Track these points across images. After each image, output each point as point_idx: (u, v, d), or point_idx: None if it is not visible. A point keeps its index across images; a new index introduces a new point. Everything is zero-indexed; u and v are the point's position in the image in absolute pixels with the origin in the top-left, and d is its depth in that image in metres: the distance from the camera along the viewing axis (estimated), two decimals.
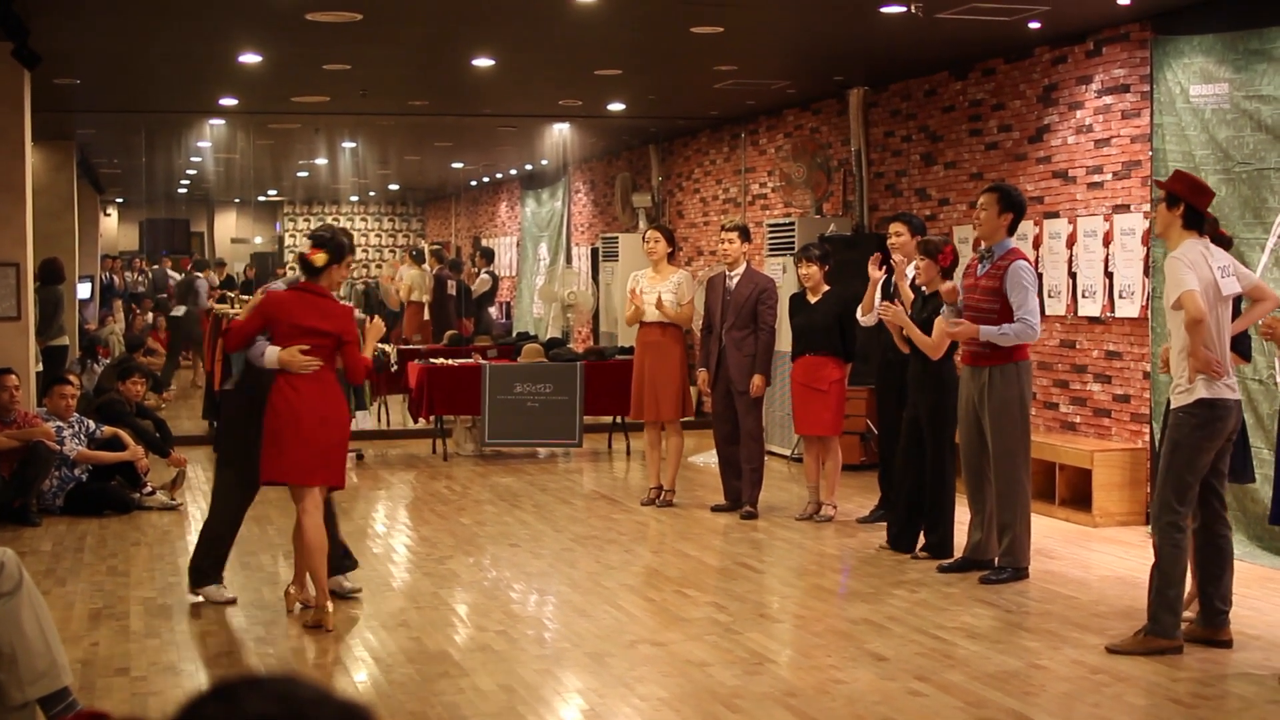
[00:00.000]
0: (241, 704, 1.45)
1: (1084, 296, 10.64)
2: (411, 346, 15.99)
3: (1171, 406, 6.71)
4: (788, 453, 13.20)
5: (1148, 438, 9.95)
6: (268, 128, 17.91)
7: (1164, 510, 6.60)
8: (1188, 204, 6.59)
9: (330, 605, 7.25)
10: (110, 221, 31.15)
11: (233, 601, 7.70)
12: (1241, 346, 7.12)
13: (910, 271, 9.27)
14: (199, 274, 22.10)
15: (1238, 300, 6.80)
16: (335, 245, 7.29)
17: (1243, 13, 9.02)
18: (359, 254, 33.74)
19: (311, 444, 7.14)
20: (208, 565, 7.81)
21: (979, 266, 8.28)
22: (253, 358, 7.36)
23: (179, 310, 20.66)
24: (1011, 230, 8.28)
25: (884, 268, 9.60)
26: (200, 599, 7.76)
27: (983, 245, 8.33)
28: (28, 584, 5.10)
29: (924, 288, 8.90)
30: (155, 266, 27.18)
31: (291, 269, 20.01)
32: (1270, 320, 6.60)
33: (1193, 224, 6.62)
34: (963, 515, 8.71)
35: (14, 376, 10.32)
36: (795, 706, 5.82)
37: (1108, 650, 6.66)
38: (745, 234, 10.44)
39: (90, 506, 10.50)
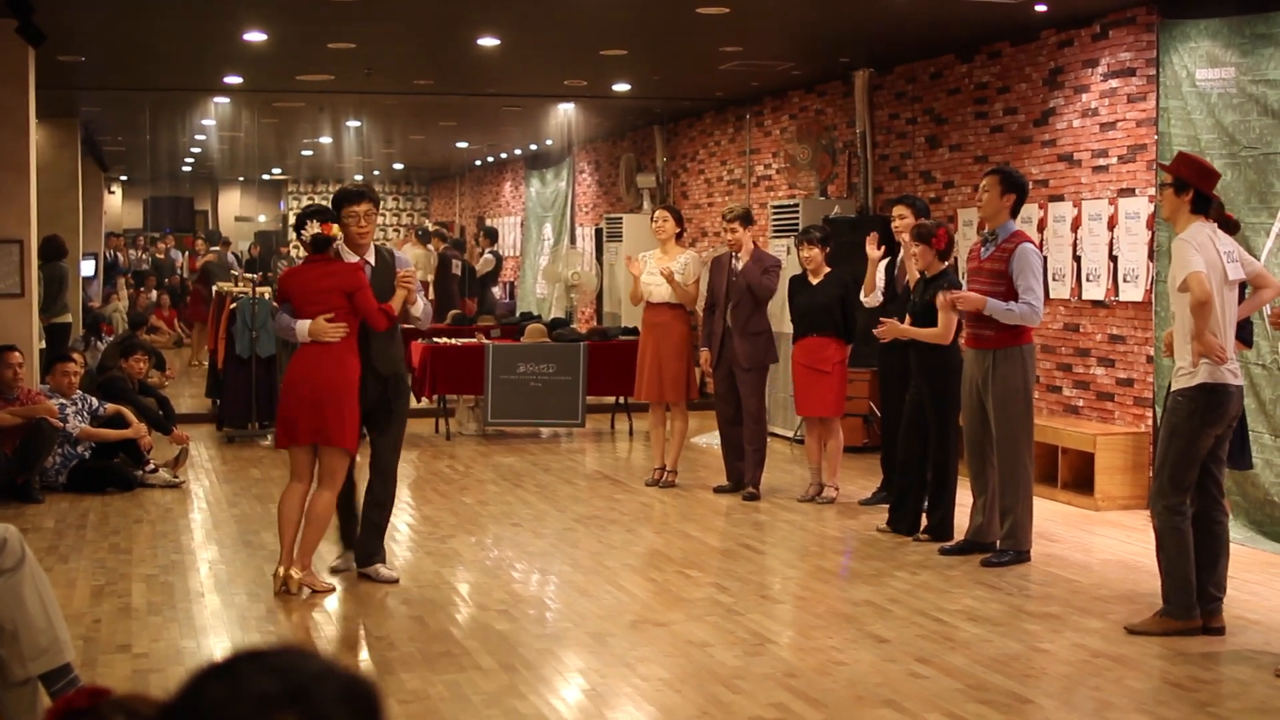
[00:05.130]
0: (244, 680, 1.43)
1: (1088, 280, 10.63)
2: (415, 325, 15.95)
3: (1172, 389, 6.68)
4: (790, 434, 13.21)
5: (1150, 422, 9.94)
6: (272, 106, 17.91)
7: (1161, 495, 6.60)
8: (1196, 189, 6.58)
9: (294, 573, 7.39)
10: (114, 199, 31.18)
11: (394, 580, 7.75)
12: (1244, 332, 7.10)
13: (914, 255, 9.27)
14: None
15: (1243, 286, 6.79)
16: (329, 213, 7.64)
17: None
18: None
19: (297, 404, 7.37)
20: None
21: (983, 250, 8.28)
22: (282, 333, 7.70)
23: None
24: (1014, 212, 8.28)
25: (882, 248, 9.62)
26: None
27: (986, 228, 8.32)
28: (30, 561, 5.10)
29: (924, 271, 8.89)
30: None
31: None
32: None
33: (1200, 208, 6.61)
34: (964, 498, 8.71)
35: (17, 354, 10.32)
36: (796, 687, 5.83)
37: (1127, 630, 6.67)
38: (746, 220, 10.38)
39: (93, 484, 10.51)
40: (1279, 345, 8.73)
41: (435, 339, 13.79)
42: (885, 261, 9.74)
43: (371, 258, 7.63)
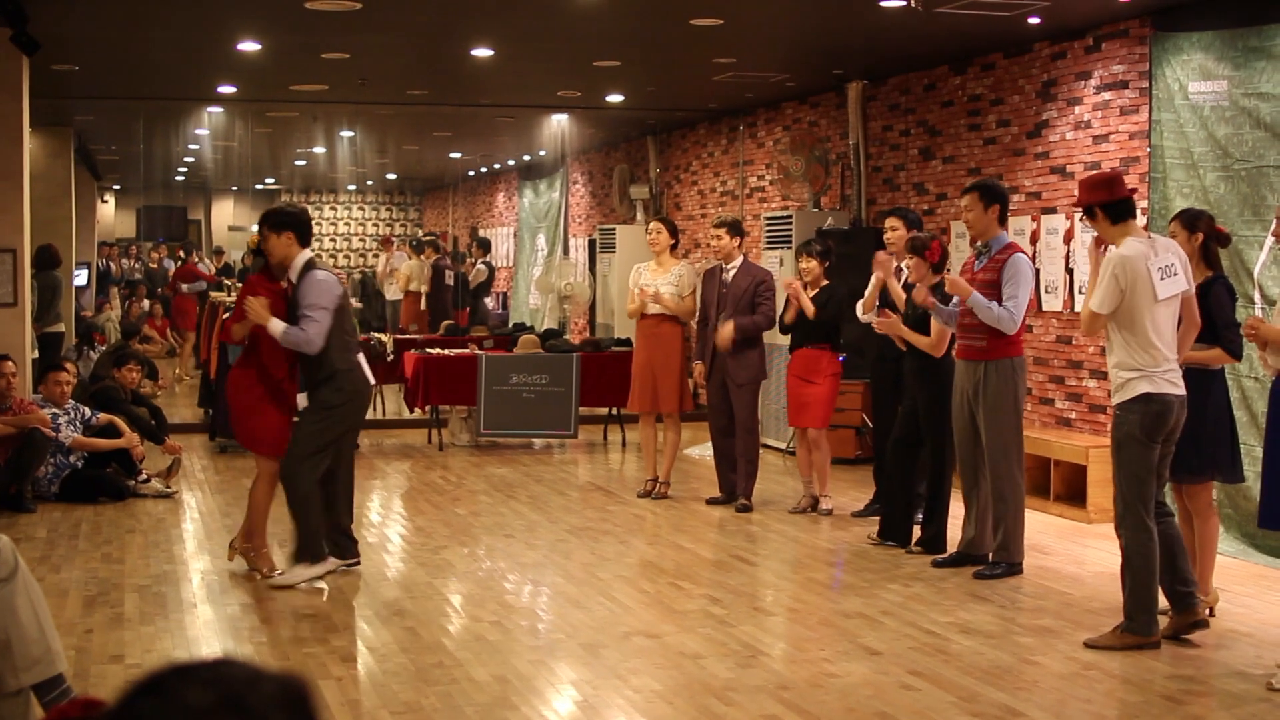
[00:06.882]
0: (175, 696, 1.41)
1: (1081, 293, 10.64)
2: (408, 336, 15.99)
3: (1113, 403, 6.73)
4: (783, 446, 13.21)
5: None
6: (266, 116, 17.90)
7: (1128, 511, 6.62)
8: (1099, 205, 6.60)
9: (235, 541, 8.29)
10: (108, 208, 31.16)
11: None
12: (1233, 346, 7.10)
13: (903, 269, 9.28)
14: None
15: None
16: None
17: (1242, 10, 9.02)
18: (354, 243, 33.72)
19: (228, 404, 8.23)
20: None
21: (976, 262, 8.29)
22: None
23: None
24: (1003, 221, 8.28)
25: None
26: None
27: (979, 242, 8.33)
28: (23, 570, 5.10)
29: (917, 285, 8.90)
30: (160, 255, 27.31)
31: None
32: (1253, 320, 6.58)
33: (1120, 215, 6.62)
34: (957, 510, 8.72)
35: (10, 363, 10.31)
36: (788, 700, 5.83)
37: (1085, 644, 6.70)
38: (734, 229, 10.40)
39: (85, 493, 10.50)
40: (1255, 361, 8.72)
41: (428, 349, 13.78)
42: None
43: (295, 276, 7.88)
